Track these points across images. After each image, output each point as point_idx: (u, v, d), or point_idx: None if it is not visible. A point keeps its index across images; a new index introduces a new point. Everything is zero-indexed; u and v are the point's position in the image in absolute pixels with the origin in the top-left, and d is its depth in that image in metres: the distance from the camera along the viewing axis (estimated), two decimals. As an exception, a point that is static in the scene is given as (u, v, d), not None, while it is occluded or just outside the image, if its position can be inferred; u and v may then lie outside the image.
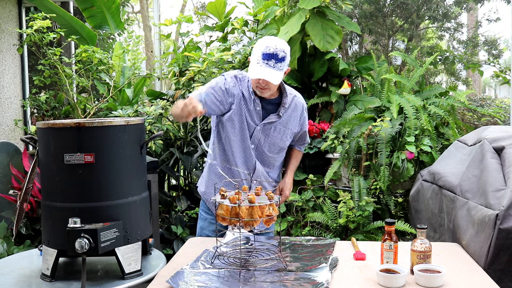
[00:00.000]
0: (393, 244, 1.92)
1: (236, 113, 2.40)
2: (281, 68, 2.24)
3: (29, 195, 2.23)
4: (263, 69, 2.22)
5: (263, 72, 2.21)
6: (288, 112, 2.46)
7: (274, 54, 2.21)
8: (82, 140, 1.92)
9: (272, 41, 2.25)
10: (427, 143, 3.39)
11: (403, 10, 6.29)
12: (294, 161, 2.65)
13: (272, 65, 2.21)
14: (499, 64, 6.14)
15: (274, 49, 2.21)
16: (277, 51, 2.21)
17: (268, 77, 2.21)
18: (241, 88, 2.41)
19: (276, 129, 2.45)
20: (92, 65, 4.27)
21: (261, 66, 2.22)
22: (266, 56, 2.21)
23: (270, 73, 2.21)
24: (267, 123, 2.42)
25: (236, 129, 2.41)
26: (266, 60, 2.21)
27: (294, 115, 2.49)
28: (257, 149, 2.46)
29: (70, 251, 1.79)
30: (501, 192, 2.17)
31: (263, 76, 2.21)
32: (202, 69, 3.79)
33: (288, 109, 2.45)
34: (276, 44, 2.23)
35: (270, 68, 2.22)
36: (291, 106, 2.47)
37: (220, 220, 1.98)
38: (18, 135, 4.87)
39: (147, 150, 3.38)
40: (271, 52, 2.21)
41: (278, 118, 2.43)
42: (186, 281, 1.81)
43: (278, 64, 2.22)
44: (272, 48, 2.21)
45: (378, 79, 3.97)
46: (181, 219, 3.73)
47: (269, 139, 2.45)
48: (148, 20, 11.85)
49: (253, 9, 4.39)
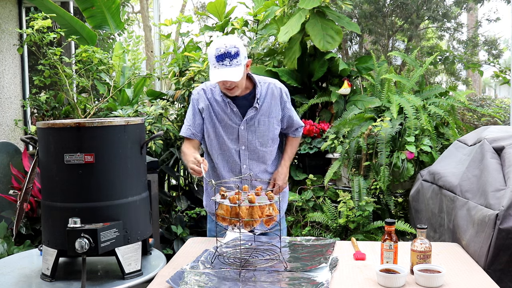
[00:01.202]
0: (393, 244, 1.92)
1: (209, 122, 2.43)
2: (238, 63, 2.23)
3: (29, 195, 2.23)
4: (221, 70, 2.23)
5: (221, 74, 2.23)
6: (267, 101, 2.45)
7: (226, 53, 2.21)
8: (82, 140, 1.92)
9: (221, 41, 2.25)
10: (427, 143, 3.39)
11: (403, 10, 6.30)
12: (289, 149, 2.62)
13: (228, 64, 2.22)
14: (499, 64, 6.14)
15: (225, 48, 2.22)
16: (227, 49, 2.22)
17: (227, 76, 2.22)
18: (212, 96, 2.44)
19: (261, 121, 2.44)
20: (92, 65, 4.27)
21: (218, 68, 2.23)
22: (219, 57, 2.22)
23: (228, 72, 2.22)
24: (248, 119, 2.42)
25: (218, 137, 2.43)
26: (220, 62, 2.22)
27: (274, 102, 2.47)
28: (249, 148, 2.45)
29: (70, 251, 1.79)
30: (501, 192, 2.17)
31: (222, 77, 2.22)
32: (202, 69, 3.80)
33: (266, 98, 2.44)
34: (225, 43, 2.23)
35: (227, 68, 2.22)
36: (268, 94, 2.45)
37: (220, 220, 1.98)
38: (18, 135, 4.87)
39: (147, 150, 3.38)
40: (223, 52, 2.22)
41: (256, 111, 2.42)
42: (186, 281, 1.81)
43: (234, 60, 2.22)
44: (222, 48, 2.22)
45: (378, 79, 3.97)
46: (181, 219, 3.73)
47: (257, 134, 2.44)
48: (148, 20, 11.85)
49: (253, 9, 4.39)
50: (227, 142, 2.43)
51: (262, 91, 2.44)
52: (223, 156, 2.46)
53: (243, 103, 2.43)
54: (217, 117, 2.43)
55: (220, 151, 2.46)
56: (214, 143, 2.45)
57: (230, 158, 2.45)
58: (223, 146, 2.44)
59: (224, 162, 2.47)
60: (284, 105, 2.51)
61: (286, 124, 2.55)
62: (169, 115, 4.15)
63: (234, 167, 2.47)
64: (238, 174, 2.45)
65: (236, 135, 2.43)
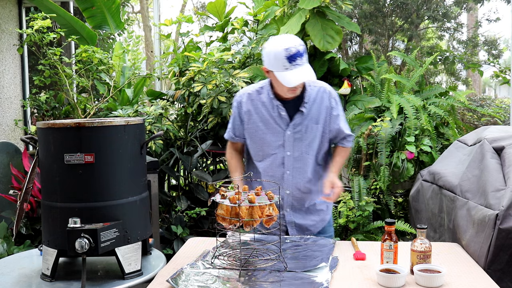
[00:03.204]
0: (393, 244, 1.92)
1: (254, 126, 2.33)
2: (306, 60, 2.16)
3: (29, 195, 2.23)
4: (296, 71, 2.12)
5: (300, 75, 2.12)
6: (316, 106, 2.31)
7: (297, 52, 2.11)
8: (82, 140, 1.92)
9: (288, 41, 2.13)
10: (427, 143, 3.39)
11: (403, 10, 6.30)
12: (337, 157, 2.40)
13: (300, 62, 2.12)
14: (499, 64, 6.14)
15: (295, 48, 2.10)
16: (297, 48, 2.11)
17: (306, 76, 2.13)
18: (259, 99, 2.32)
19: (308, 127, 2.30)
20: (92, 65, 4.27)
21: (292, 69, 2.11)
22: (291, 58, 2.10)
23: (304, 71, 2.13)
24: (295, 124, 2.29)
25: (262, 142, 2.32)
26: (293, 62, 2.10)
27: (323, 107, 2.32)
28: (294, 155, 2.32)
29: (70, 251, 1.79)
30: (501, 192, 2.17)
31: (304, 78, 2.13)
32: (202, 69, 3.79)
33: (314, 103, 2.30)
34: (293, 42, 2.12)
35: (301, 67, 2.12)
36: (318, 99, 2.31)
37: (220, 220, 1.98)
38: (18, 135, 4.87)
39: (147, 150, 3.38)
40: (294, 52, 2.10)
41: (304, 116, 2.29)
42: (186, 281, 1.81)
43: (304, 58, 2.14)
44: (292, 47, 2.10)
45: (378, 79, 3.97)
46: (181, 219, 3.73)
47: (303, 141, 2.30)
48: (148, 20, 11.86)
49: (253, 9, 4.39)
50: (272, 147, 2.32)
51: (312, 95, 2.30)
52: (266, 161, 2.35)
53: (292, 106, 2.29)
54: (263, 121, 2.31)
55: (263, 156, 2.35)
56: (258, 147, 2.35)
57: (274, 164, 2.33)
58: (267, 151, 2.33)
59: (267, 167, 2.35)
60: (332, 110, 2.35)
61: (334, 132, 2.37)
62: (169, 115, 4.15)
63: (277, 173, 2.34)
64: (280, 180, 2.32)
65: (282, 140, 2.30)
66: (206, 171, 3.99)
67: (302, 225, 2.39)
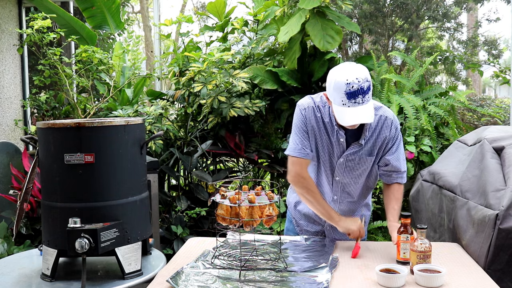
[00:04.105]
0: (409, 236, 1.96)
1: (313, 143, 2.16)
2: (369, 98, 1.93)
3: (29, 195, 2.23)
4: (355, 110, 1.90)
5: (357, 116, 1.91)
6: (374, 137, 2.12)
7: (359, 89, 1.89)
8: (82, 140, 1.92)
9: (353, 74, 1.90)
10: (427, 143, 3.39)
11: (403, 10, 6.30)
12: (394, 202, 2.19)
13: (360, 101, 1.90)
14: (499, 64, 6.14)
15: (358, 84, 1.88)
16: (361, 84, 1.88)
17: (362, 119, 1.92)
18: (321, 117, 2.12)
19: (362, 158, 2.15)
20: (92, 65, 4.27)
21: (349, 106, 1.91)
22: (351, 95, 1.89)
23: (363, 111, 1.90)
24: (350, 154, 2.14)
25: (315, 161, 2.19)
26: (353, 100, 1.89)
27: (380, 138, 2.13)
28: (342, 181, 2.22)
29: (70, 251, 1.79)
30: (501, 192, 2.17)
31: (358, 120, 1.92)
32: (202, 69, 3.79)
33: (373, 134, 2.12)
34: (358, 76, 1.89)
35: (360, 106, 1.90)
36: (377, 129, 2.12)
37: (220, 220, 1.98)
38: (18, 135, 4.87)
39: (147, 150, 3.38)
40: (356, 88, 1.88)
41: (359, 146, 2.12)
42: (186, 281, 1.81)
43: (366, 96, 1.91)
44: (355, 84, 1.88)
45: (378, 79, 3.97)
46: (181, 219, 3.73)
47: (353, 171, 2.17)
48: (148, 20, 11.86)
49: (253, 9, 4.38)
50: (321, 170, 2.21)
51: (372, 124, 2.11)
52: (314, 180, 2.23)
53: (351, 133, 2.11)
54: (321, 141, 2.15)
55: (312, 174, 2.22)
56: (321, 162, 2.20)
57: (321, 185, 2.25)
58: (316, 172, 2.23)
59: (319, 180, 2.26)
60: (389, 142, 2.14)
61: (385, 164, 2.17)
62: (169, 115, 4.15)
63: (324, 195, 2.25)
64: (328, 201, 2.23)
65: (333, 166, 2.18)
66: (206, 171, 3.99)
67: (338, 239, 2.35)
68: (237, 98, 3.79)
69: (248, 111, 3.69)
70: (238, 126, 4.04)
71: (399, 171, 2.20)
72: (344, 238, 2.31)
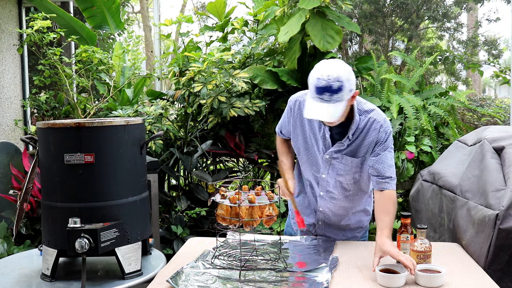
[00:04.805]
0: (409, 236, 1.98)
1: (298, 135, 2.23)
2: (339, 99, 1.90)
3: (29, 195, 2.23)
4: (317, 105, 1.92)
5: (316, 111, 1.93)
6: (360, 138, 2.11)
7: (326, 86, 1.89)
8: (82, 140, 1.92)
9: (324, 70, 1.91)
10: (427, 143, 3.39)
11: (403, 10, 6.30)
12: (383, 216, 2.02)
13: (327, 98, 1.90)
14: (499, 64, 6.14)
15: (327, 81, 1.88)
16: (330, 82, 1.88)
17: (321, 116, 1.93)
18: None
19: (343, 159, 2.14)
20: (92, 65, 4.27)
21: (315, 101, 1.93)
22: (319, 90, 1.90)
23: (325, 109, 1.91)
24: (334, 151, 2.14)
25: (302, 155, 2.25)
26: (319, 95, 1.90)
27: (367, 141, 2.10)
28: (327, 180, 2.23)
29: (70, 251, 1.79)
30: (501, 192, 2.17)
31: (316, 116, 1.94)
32: (202, 69, 3.79)
33: (360, 135, 2.10)
34: (329, 73, 1.89)
35: (325, 103, 1.90)
36: (364, 131, 2.10)
37: (220, 220, 1.98)
38: (18, 135, 4.87)
39: (147, 150, 3.38)
40: (323, 85, 1.89)
41: (342, 145, 2.12)
42: (186, 281, 1.81)
43: (335, 96, 1.89)
44: (323, 79, 1.89)
45: (378, 79, 3.97)
46: (181, 219, 3.73)
47: (336, 170, 2.18)
48: (148, 20, 11.86)
49: (253, 9, 4.38)
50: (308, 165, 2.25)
51: (360, 125, 2.09)
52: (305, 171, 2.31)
53: (338, 131, 2.12)
54: (304, 136, 2.21)
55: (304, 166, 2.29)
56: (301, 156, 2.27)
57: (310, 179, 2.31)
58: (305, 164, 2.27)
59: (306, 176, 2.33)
60: (376, 146, 2.10)
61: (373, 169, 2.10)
62: (169, 115, 4.15)
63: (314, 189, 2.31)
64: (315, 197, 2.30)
65: (319, 162, 2.20)
66: (206, 171, 3.99)
67: (331, 237, 2.36)
68: (237, 98, 3.79)
69: (248, 111, 3.69)
70: (238, 126, 4.04)
71: (382, 176, 2.07)
72: (336, 237, 2.35)
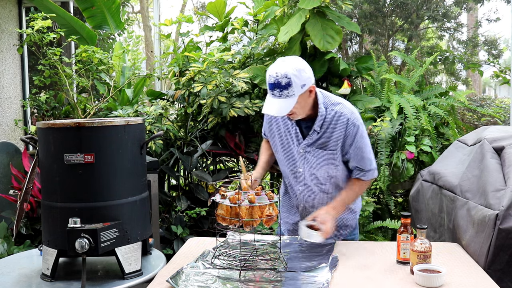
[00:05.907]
0: (409, 236, 1.97)
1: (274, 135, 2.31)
2: (289, 94, 2.00)
3: (29, 195, 2.23)
4: (271, 101, 2.04)
5: (269, 107, 2.04)
6: (329, 131, 2.17)
7: (275, 83, 1.99)
8: (82, 140, 1.92)
9: (273, 68, 2.02)
10: (427, 143, 3.39)
11: (403, 10, 6.30)
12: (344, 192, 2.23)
13: (277, 94, 2.01)
14: (499, 64, 6.13)
15: (275, 78, 1.99)
16: (278, 79, 1.99)
17: (272, 111, 2.04)
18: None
19: (315, 152, 2.22)
20: (92, 65, 4.27)
21: (270, 97, 2.05)
22: (270, 86, 2.02)
23: (277, 104, 2.02)
24: (306, 145, 2.22)
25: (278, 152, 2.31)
26: (271, 91, 2.02)
27: (335, 134, 2.17)
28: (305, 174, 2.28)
29: (70, 251, 1.79)
30: (501, 192, 2.17)
31: (268, 111, 2.05)
32: (202, 69, 3.79)
33: (329, 127, 2.17)
34: (277, 71, 2.00)
35: (277, 99, 2.02)
36: (331, 125, 2.16)
37: (220, 220, 1.98)
38: (18, 135, 4.87)
39: (147, 150, 3.38)
40: (272, 81, 2.00)
41: (312, 139, 2.20)
42: (186, 281, 1.81)
43: (285, 91, 1.99)
44: (273, 76, 2.00)
45: (378, 79, 3.97)
46: (181, 219, 3.73)
47: (310, 163, 2.24)
48: (148, 20, 11.86)
49: (253, 9, 4.38)
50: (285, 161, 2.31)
51: (327, 119, 2.16)
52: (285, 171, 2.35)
53: (307, 124, 2.21)
54: (279, 134, 2.29)
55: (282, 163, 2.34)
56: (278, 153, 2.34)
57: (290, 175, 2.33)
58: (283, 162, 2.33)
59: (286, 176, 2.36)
60: (346, 139, 2.17)
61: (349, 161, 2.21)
62: (169, 115, 4.15)
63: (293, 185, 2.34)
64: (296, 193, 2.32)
65: (295, 157, 2.27)
66: (206, 171, 3.99)
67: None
68: (237, 98, 3.79)
69: (248, 111, 3.69)
70: (238, 126, 4.04)
71: (362, 170, 2.22)
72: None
